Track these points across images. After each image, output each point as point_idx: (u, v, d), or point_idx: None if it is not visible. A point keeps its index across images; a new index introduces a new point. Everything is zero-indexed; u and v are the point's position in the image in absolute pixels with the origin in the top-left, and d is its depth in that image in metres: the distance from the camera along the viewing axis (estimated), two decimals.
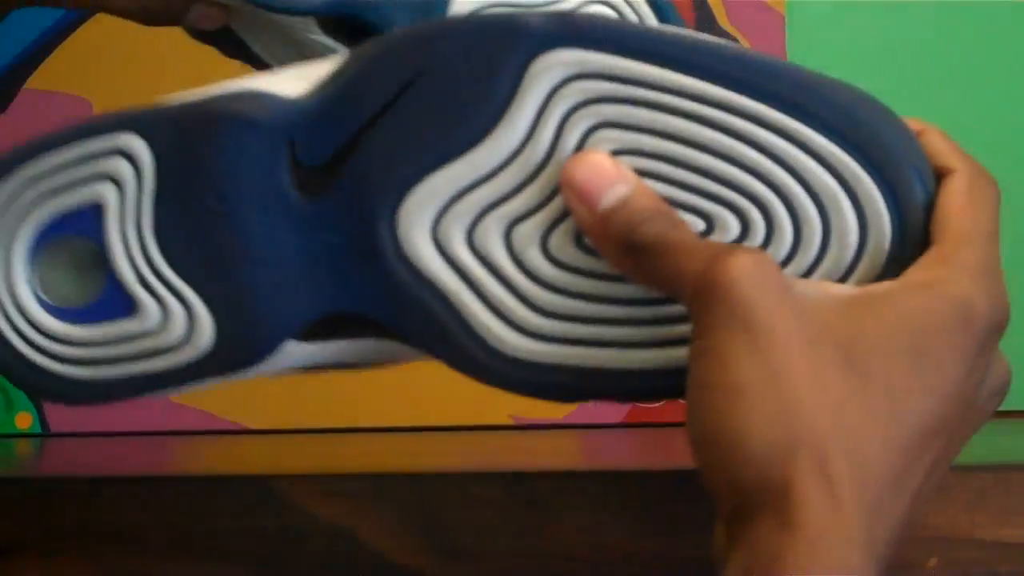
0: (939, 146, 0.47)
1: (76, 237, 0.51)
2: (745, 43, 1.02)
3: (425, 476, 0.54)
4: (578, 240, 0.48)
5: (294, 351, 0.50)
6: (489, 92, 0.47)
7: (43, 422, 1.03)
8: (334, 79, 0.49)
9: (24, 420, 1.03)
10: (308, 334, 0.50)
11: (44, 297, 0.51)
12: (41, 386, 0.51)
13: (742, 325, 0.42)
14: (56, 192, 0.50)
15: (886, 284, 0.45)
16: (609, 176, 0.46)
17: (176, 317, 0.50)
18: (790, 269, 0.47)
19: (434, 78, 0.47)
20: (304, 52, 0.60)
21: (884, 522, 0.42)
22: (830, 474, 0.41)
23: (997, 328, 0.44)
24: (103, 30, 1.08)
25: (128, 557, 0.55)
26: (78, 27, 1.16)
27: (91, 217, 0.50)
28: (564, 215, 0.48)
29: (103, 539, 0.55)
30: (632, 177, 0.46)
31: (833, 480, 0.41)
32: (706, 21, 1.03)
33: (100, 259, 0.51)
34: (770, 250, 0.47)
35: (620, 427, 0.98)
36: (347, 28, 0.60)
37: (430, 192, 0.48)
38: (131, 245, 0.50)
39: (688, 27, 0.56)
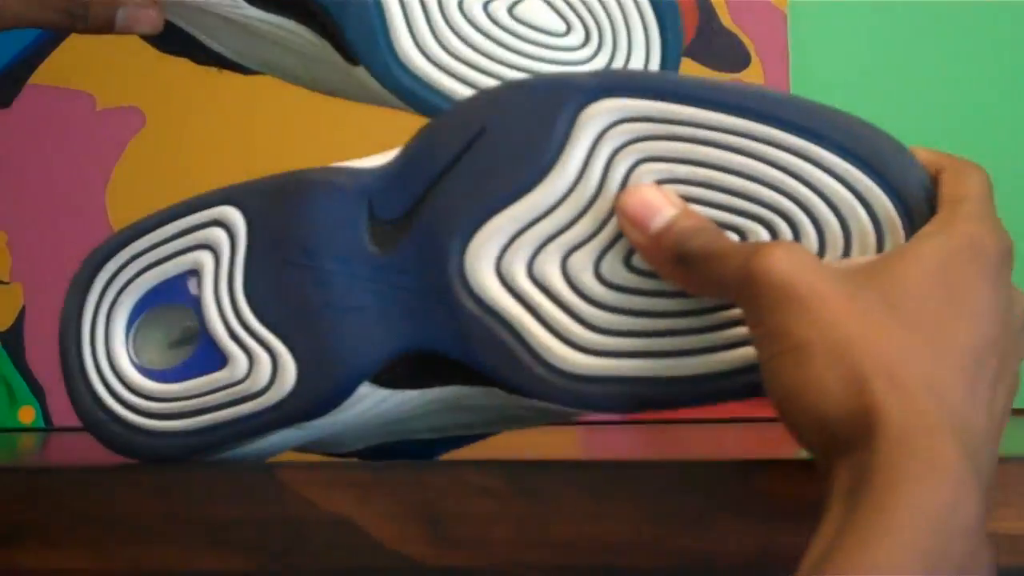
0: (926, 156, 0.53)
1: (171, 305, 0.57)
2: (747, 40, 1.02)
3: (426, 466, 0.55)
4: (627, 262, 0.54)
5: (370, 396, 0.55)
6: (545, 141, 0.54)
7: (46, 417, 1.03)
8: (407, 146, 0.55)
9: (27, 414, 1.04)
10: (383, 379, 0.55)
11: (138, 361, 0.57)
12: (137, 444, 0.56)
13: (787, 299, 0.48)
14: (157, 264, 0.57)
15: (901, 246, 0.50)
16: (656, 204, 0.53)
17: (262, 364, 0.55)
18: None
19: (496, 133, 0.54)
20: (249, 31, 0.62)
21: (966, 427, 0.46)
22: (903, 386, 0.46)
23: (1008, 254, 0.50)
24: None
25: (129, 546, 0.55)
26: None
27: (187, 284, 0.56)
28: (613, 241, 0.54)
29: (104, 528, 0.55)
30: (678, 201, 0.53)
31: (908, 390, 0.46)
32: (708, 20, 1.03)
33: (189, 319, 0.57)
34: None
35: (619, 424, 0.99)
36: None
37: (494, 231, 0.54)
38: (223, 304, 0.56)
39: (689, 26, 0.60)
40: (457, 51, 0.58)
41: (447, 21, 0.58)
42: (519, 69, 0.58)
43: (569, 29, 0.58)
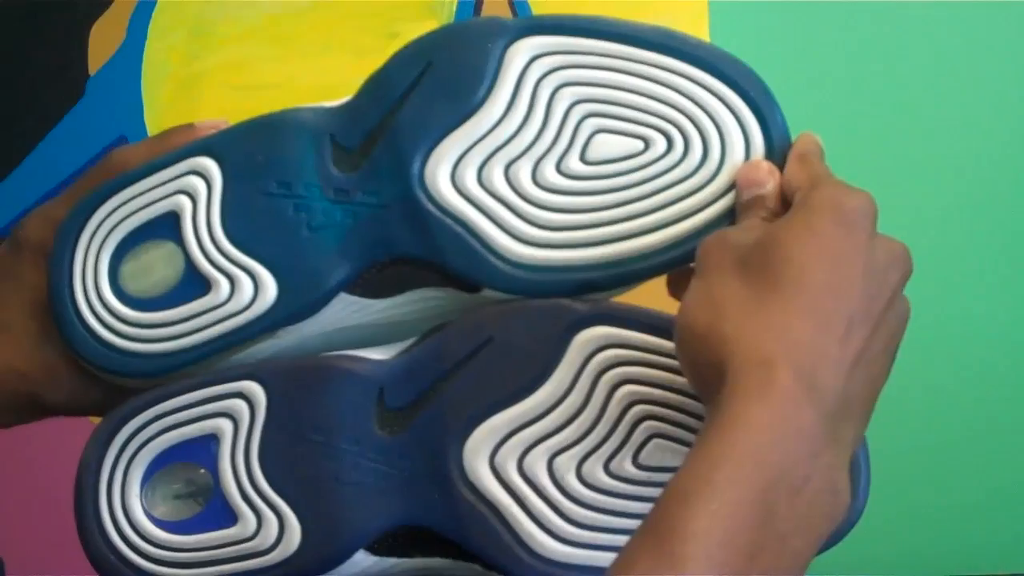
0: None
1: (186, 464, 0.61)
2: None
3: None
4: (606, 468, 0.60)
5: (362, 561, 0.60)
6: (542, 356, 0.60)
7: None
8: (418, 344, 0.62)
9: None
10: (377, 548, 0.60)
11: (152, 513, 0.61)
12: None
13: (698, 270, 0.57)
14: (179, 426, 0.61)
15: (781, 218, 0.57)
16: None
17: (270, 525, 0.60)
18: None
19: (499, 345, 0.61)
20: (383, 319, 0.66)
21: (809, 361, 0.53)
22: (753, 335, 0.53)
23: (871, 212, 0.56)
24: None
25: None
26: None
27: (205, 447, 0.61)
28: (594, 449, 0.60)
29: None
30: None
31: (757, 338, 0.53)
32: None
33: (203, 479, 0.61)
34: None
35: None
36: None
37: (491, 430, 0.60)
38: (239, 468, 0.61)
39: None
40: (553, 222, 0.62)
41: (529, 201, 0.62)
42: (615, 205, 0.62)
43: (647, 144, 0.62)
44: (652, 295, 0.63)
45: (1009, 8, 1.16)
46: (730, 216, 0.61)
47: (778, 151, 0.62)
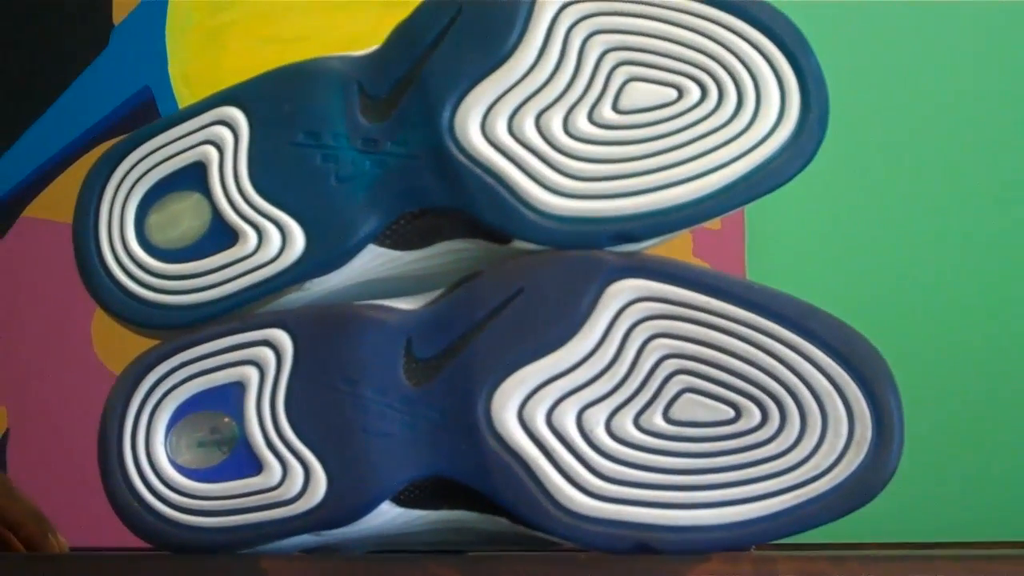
0: None
1: (211, 412, 0.61)
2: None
3: (393, 559, 0.58)
4: (635, 421, 0.59)
5: (387, 512, 0.60)
6: (574, 309, 0.60)
7: None
8: (447, 294, 0.61)
9: None
10: (403, 500, 0.60)
11: (176, 460, 0.61)
12: (166, 535, 0.60)
13: None
14: (205, 373, 0.61)
15: None
16: None
17: (296, 475, 0.60)
18: (793, 455, 0.58)
19: (531, 296, 0.60)
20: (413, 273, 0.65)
21: None
22: None
23: None
24: None
25: None
26: (77, 159, 1.20)
27: (231, 394, 0.61)
28: (625, 403, 0.59)
29: None
30: None
31: None
32: None
33: (228, 427, 0.61)
34: (781, 436, 0.59)
35: None
36: None
37: (520, 381, 0.59)
38: (264, 417, 0.60)
39: None
40: (585, 172, 0.62)
41: (561, 151, 0.62)
42: (649, 155, 0.61)
43: (681, 92, 0.62)
44: (675, 251, 0.62)
45: None
46: (766, 165, 0.60)
47: (813, 97, 0.61)
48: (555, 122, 0.61)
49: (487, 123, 0.62)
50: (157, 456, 0.61)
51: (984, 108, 1.19)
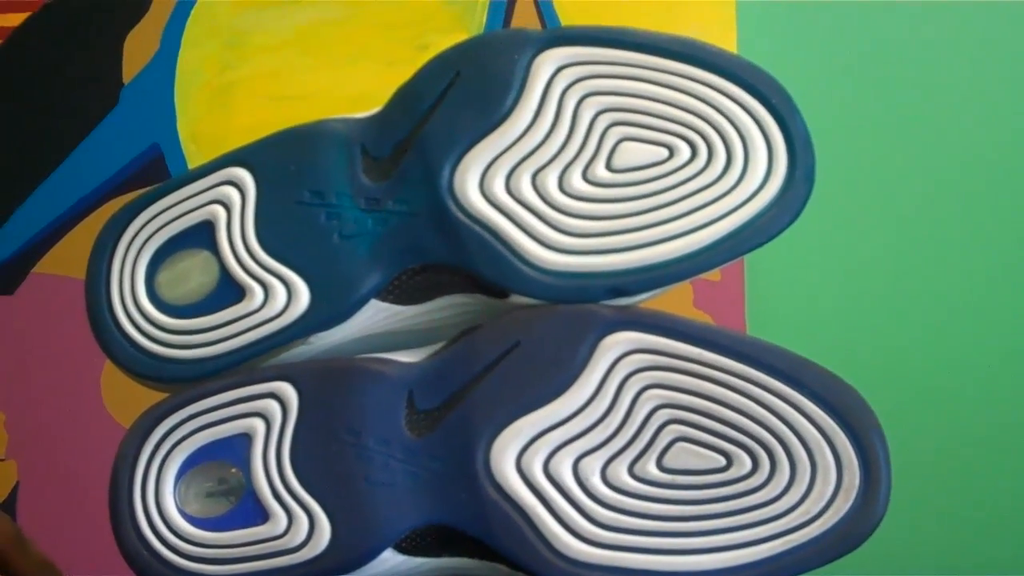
0: None
1: (219, 462, 0.63)
2: None
3: None
4: (630, 470, 0.61)
5: (389, 560, 0.61)
6: (569, 361, 0.61)
7: None
8: (448, 348, 0.63)
9: None
10: (405, 548, 0.61)
11: (185, 509, 0.63)
12: None
13: None
14: (212, 425, 0.63)
15: None
16: None
17: (300, 524, 0.61)
18: (783, 502, 0.60)
19: (528, 349, 0.61)
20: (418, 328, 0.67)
21: None
22: None
23: None
24: None
25: None
26: (87, 216, 1.21)
27: (238, 445, 0.62)
28: (619, 452, 0.61)
29: None
30: None
31: None
32: None
33: (235, 477, 0.62)
34: (771, 484, 0.60)
35: None
36: None
37: (518, 432, 0.61)
38: (270, 467, 0.62)
39: None
40: (579, 229, 0.63)
41: (556, 208, 0.63)
42: (641, 212, 0.63)
43: (672, 151, 0.63)
44: (676, 303, 0.64)
45: None
46: (754, 221, 0.62)
47: (800, 156, 0.62)
48: (551, 180, 0.63)
49: (485, 182, 0.63)
50: (166, 506, 0.62)
51: (990, 164, 1.19)
